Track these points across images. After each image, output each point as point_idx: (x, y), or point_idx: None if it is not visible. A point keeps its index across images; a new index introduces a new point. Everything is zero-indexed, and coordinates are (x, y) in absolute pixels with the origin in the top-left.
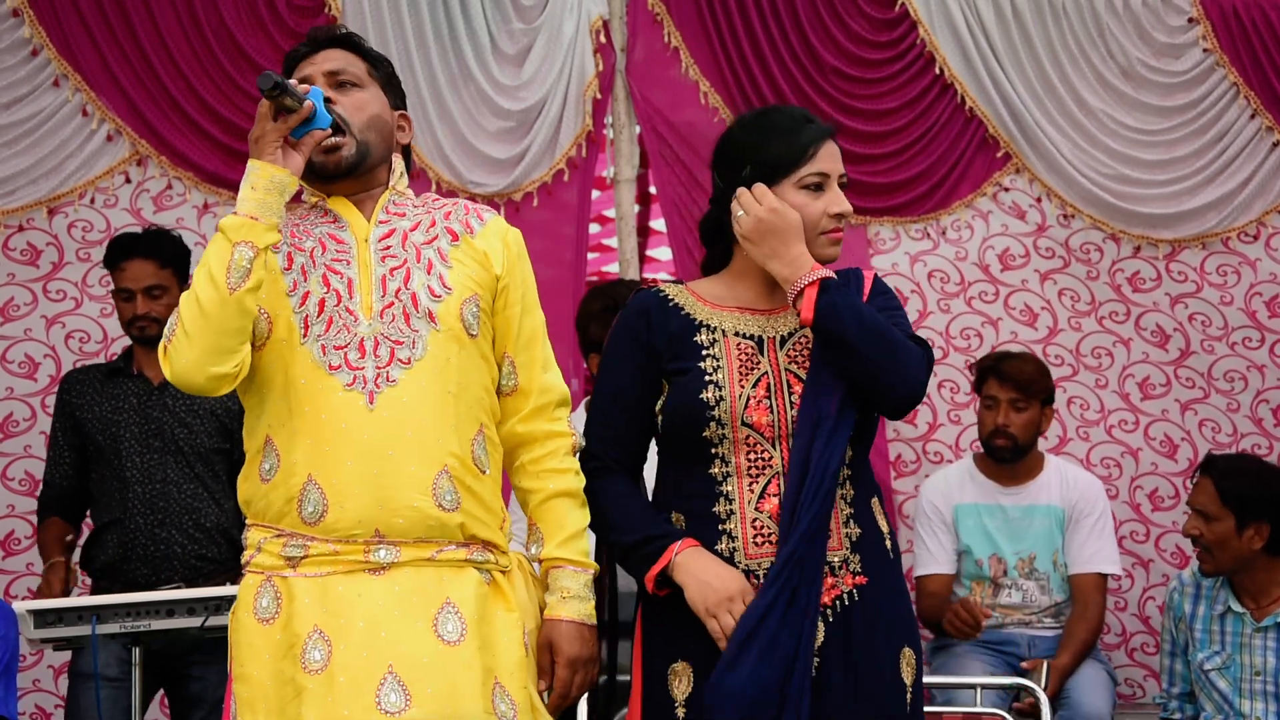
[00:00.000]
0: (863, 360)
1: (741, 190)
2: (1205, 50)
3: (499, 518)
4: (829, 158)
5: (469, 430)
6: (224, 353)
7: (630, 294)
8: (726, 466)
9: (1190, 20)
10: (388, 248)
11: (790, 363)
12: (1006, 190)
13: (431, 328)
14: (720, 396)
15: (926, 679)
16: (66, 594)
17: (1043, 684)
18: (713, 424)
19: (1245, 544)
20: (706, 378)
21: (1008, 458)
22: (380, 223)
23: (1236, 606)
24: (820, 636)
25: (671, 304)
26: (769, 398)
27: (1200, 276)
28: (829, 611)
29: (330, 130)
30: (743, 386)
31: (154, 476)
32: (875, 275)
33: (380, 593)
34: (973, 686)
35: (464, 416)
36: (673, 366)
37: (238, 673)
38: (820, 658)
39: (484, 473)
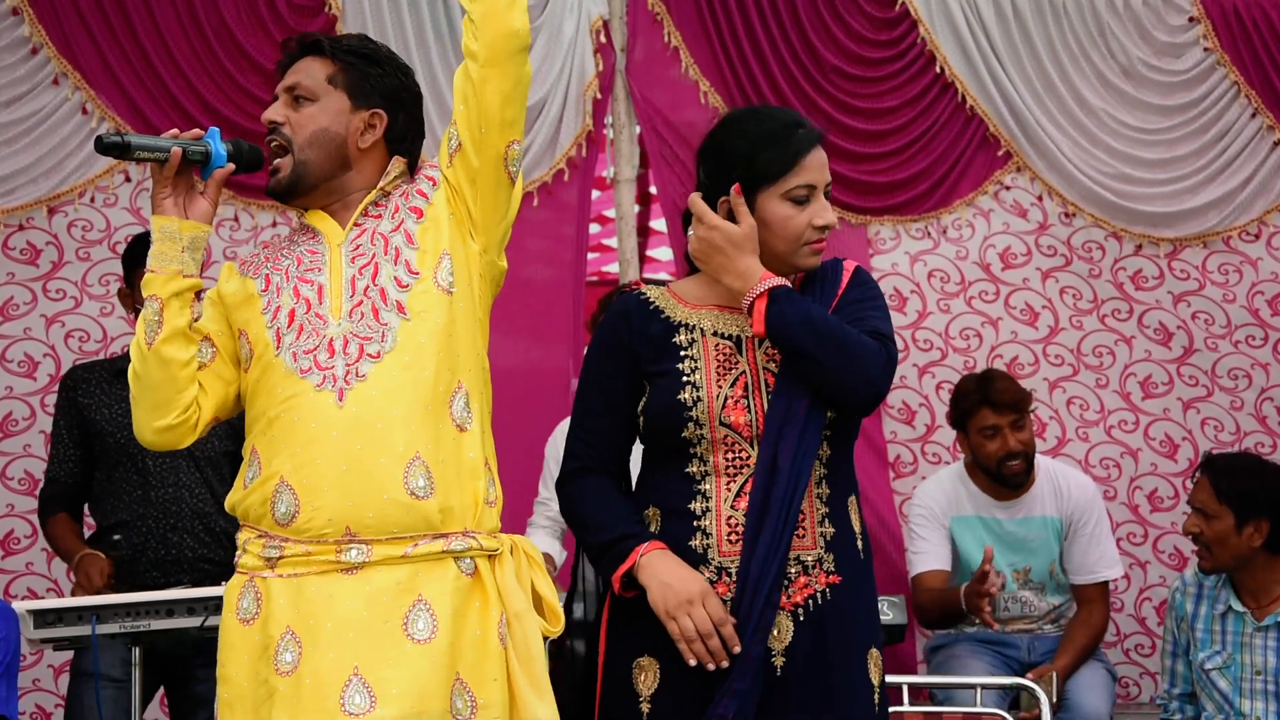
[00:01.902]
0: (818, 365)
1: (694, 205)
2: (1206, 49)
3: (480, 477)
4: (816, 168)
5: (448, 389)
6: (160, 407)
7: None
8: (705, 466)
9: (1191, 19)
10: (358, 248)
11: (769, 361)
12: (1007, 189)
13: (401, 319)
14: (698, 397)
15: (926, 679)
16: (106, 582)
17: (1053, 696)
18: (691, 424)
19: (1244, 542)
20: (684, 378)
21: (1024, 480)
22: (355, 225)
23: (1237, 606)
24: (790, 635)
25: (652, 306)
26: (747, 397)
27: (1202, 275)
28: (800, 610)
29: (231, 165)
30: (720, 386)
31: (167, 481)
32: (856, 267)
33: (351, 593)
34: (972, 686)
35: (445, 382)
36: (652, 369)
37: (220, 674)
38: (786, 656)
39: (464, 430)
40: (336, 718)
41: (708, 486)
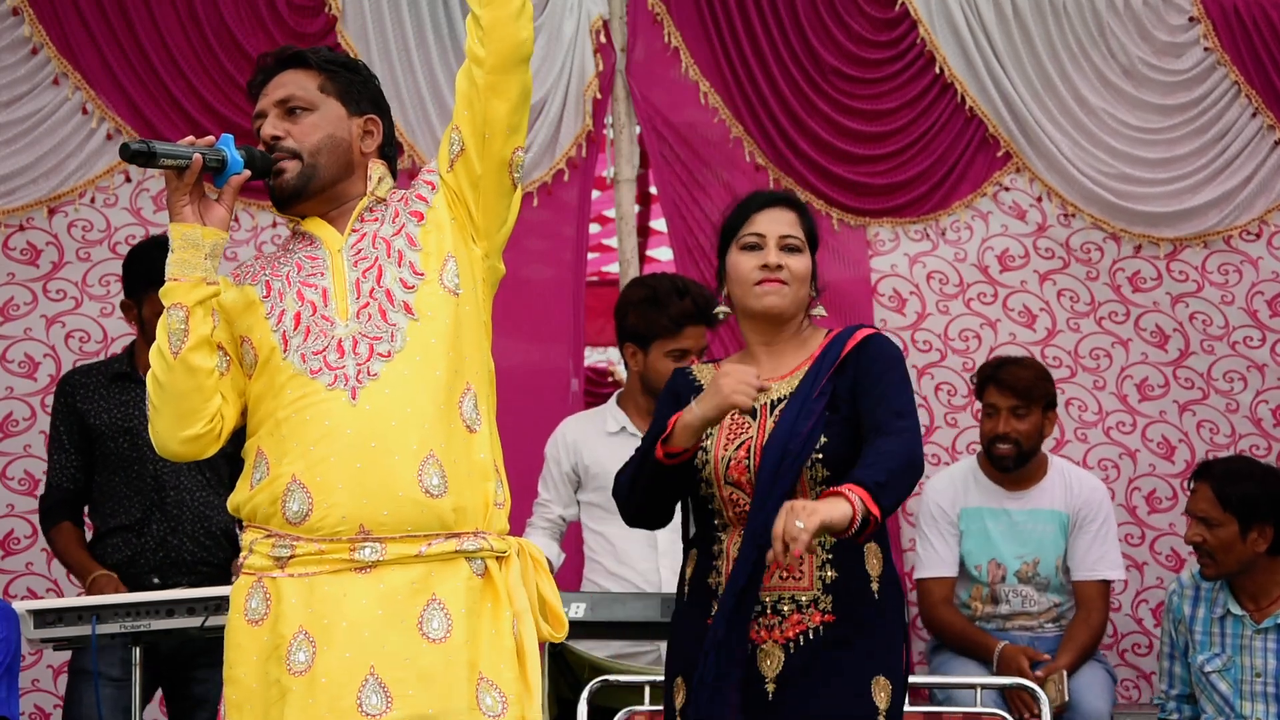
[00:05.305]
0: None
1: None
2: (1206, 49)
3: (490, 479)
4: (769, 221)
5: (457, 390)
6: (188, 415)
7: (670, 286)
8: (722, 518)
9: (1191, 19)
10: (359, 251)
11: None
12: (1007, 190)
13: (409, 319)
14: (706, 460)
15: (926, 679)
16: None
17: (1064, 696)
18: (703, 484)
19: (1249, 547)
20: (701, 444)
21: (1010, 466)
22: (353, 231)
23: (1236, 609)
24: (780, 665)
25: (692, 379)
26: (749, 458)
27: (1201, 275)
28: (791, 644)
29: (247, 172)
30: (726, 450)
31: (167, 484)
32: (866, 336)
33: (365, 592)
34: (973, 686)
35: (454, 383)
36: None
37: (227, 675)
38: (776, 684)
39: (473, 431)
40: (352, 718)
41: (723, 535)
